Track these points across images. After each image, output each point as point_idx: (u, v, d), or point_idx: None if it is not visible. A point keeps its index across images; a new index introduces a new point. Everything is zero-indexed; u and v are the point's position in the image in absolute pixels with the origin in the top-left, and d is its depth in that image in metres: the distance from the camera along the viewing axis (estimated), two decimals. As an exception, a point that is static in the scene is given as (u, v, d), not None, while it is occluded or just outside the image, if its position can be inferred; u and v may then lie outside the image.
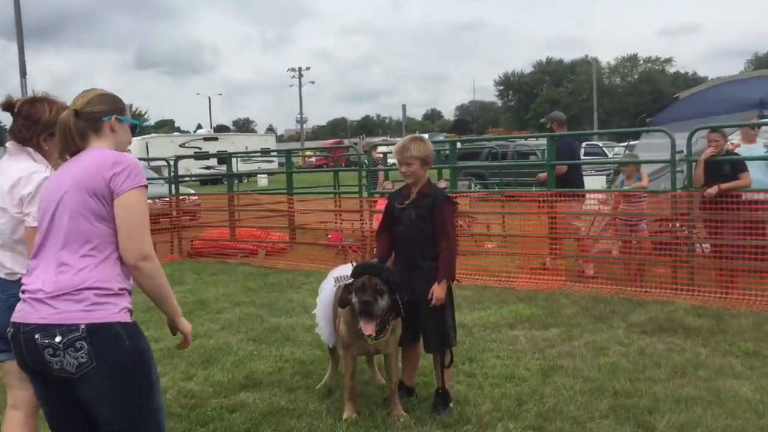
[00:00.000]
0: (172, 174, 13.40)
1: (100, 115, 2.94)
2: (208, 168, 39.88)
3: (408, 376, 5.02)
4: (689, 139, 7.92)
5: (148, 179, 2.90)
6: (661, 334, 6.49)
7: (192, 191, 19.75)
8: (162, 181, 20.54)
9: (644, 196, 8.57)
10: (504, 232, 10.09)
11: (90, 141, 2.92)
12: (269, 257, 12.12)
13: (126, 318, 2.76)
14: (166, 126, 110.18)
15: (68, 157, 2.94)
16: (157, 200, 13.94)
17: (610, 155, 28.93)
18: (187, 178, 27.07)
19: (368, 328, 4.31)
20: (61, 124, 2.92)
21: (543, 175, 10.10)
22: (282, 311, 7.92)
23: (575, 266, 9.19)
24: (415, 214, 4.71)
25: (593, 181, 20.53)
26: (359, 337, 4.48)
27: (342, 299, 4.47)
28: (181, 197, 15.80)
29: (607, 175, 22.00)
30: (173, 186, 13.26)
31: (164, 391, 5.27)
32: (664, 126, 9.91)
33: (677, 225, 8.19)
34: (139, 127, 3.17)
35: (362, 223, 10.95)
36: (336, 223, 12.46)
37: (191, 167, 42.99)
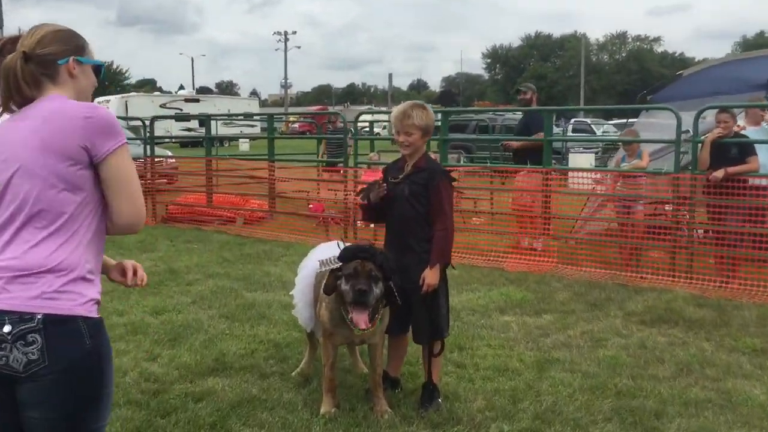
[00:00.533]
0: (148, 134, 12.76)
1: (55, 57, 2.37)
2: (188, 130, 39.01)
3: (393, 367, 4.58)
4: (696, 119, 7.48)
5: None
6: (660, 325, 6.11)
7: (169, 153, 19.10)
8: (138, 142, 19.89)
9: (643, 176, 8.14)
10: (492, 209, 9.64)
11: (45, 89, 2.37)
12: (247, 226, 11.62)
13: (92, 312, 2.24)
14: (147, 85, 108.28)
15: (15, 109, 2.39)
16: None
17: (599, 133, 28.57)
18: (166, 140, 26.35)
19: (361, 320, 3.85)
20: (6, 69, 2.35)
21: (513, 144, 9.70)
22: (258, 285, 7.44)
23: (566, 247, 8.77)
24: (408, 190, 4.24)
25: (581, 159, 20.16)
26: (343, 326, 4.02)
27: (328, 285, 3.99)
28: (157, 159, 15.25)
29: (596, 153, 21.65)
30: (148, 147, 12.64)
31: (125, 372, 4.80)
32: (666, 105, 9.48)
33: (679, 209, 7.78)
34: (103, 69, 2.60)
35: (345, 194, 10.45)
36: (317, 192, 11.96)
37: (172, 129, 42.14)
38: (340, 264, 3.96)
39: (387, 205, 4.34)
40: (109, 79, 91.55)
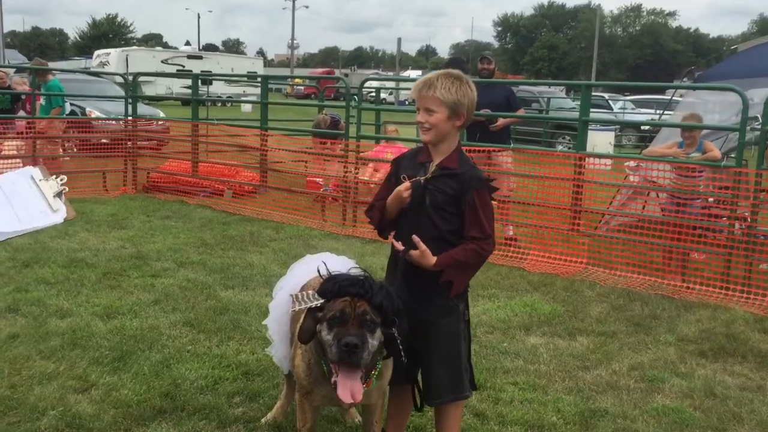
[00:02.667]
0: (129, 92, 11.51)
1: None
2: (188, 88, 37.67)
3: (395, 425, 3.42)
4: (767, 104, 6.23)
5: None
6: (725, 358, 4.96)
7: (161, 114, 17.85)
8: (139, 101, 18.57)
9: (704, 170, 6.90)
10: (512, 196, 8.43)
11: None
12: (236, 199, 10.43)
13: None
14: (152, 40, 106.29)
15: None
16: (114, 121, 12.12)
17: (616, 108, 27.19)
18: (157, 100, 25.05)
19: (349, 388, 2.70)
20: None
21: (501, 122, 8.57)
22: (237, 280, 6.28)
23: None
24: (431, 199, 3.06)
25: (600, 137, 18.87)
26: (326, 383, 2.86)
27: (304, 330, 2.82)
28: (147, 120, 14.02)
29: (615, 131, 20.36)
30: (129, 106, 11.39)
31: (42, 412, 3.66)
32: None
33: (737, 209, 6.58)
34: None
35: (346, 170, 9.24)
36: (312, 167, 10.75)
37: (173, 86, 40.67)
38: (321, 301, 2.79)
39: (399, 211, 3.16)
40: (113, 32, 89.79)
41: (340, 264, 3.47)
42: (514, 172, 8.32)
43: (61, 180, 6.56)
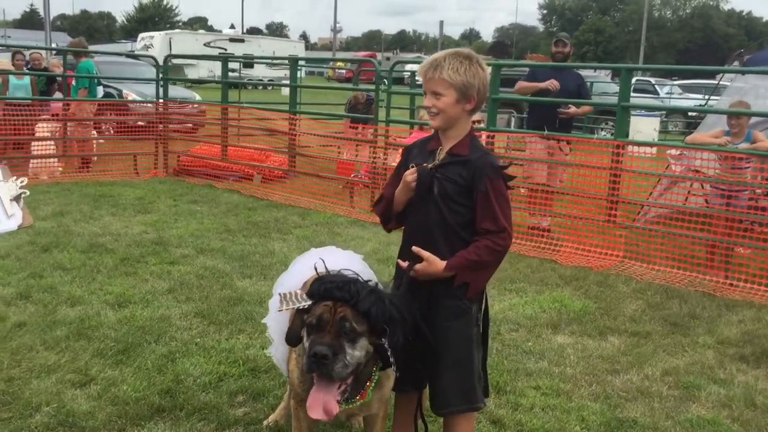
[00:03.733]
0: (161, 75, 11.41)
1: None
2: (232, 71, 37.62)
3: (401, 435, 3.18)
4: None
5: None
6: (767, 362, 4.60)
7: (197, 97, 17.79)
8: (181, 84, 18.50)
9: (751, 160, 6.47)
10: (547, 185, 8.07)
11: None
12: (265, 184, 10.27)
13: None
14: (197, 23, 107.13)
15: None
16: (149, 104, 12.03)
17: (662, 93, 26.35)
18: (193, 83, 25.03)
19: (318, 400, 2.47)
20: None
21: (573, 110, 8.16)
22: (256, 269, 6.09)
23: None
24: (439, 189, 2.80)
25: (644, 124, 18.25)
26: None
27: (292, 332, 2.60)
28: (180, 103, 13.94)
29: (661, 117, 19.70)
30: (161, 89, 11.28)
31: (36, 408, 3.51)
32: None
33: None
34: None
35: (374, 157, 8.99)
36: (344, 153, 10.51)
37: (216, 69, 40.77)
38: (309, 303, 2.56)
39: (408, 202, 2.91)
40: (159, 15, 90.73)
41: (345, 259, 3.24)
42: (553, 160, 7.95)
43: (21, 182, 6.35)
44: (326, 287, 2.52)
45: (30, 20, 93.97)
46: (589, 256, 6.96)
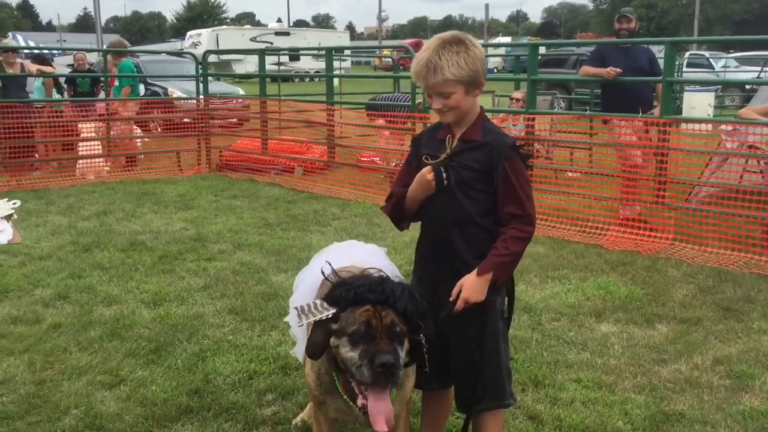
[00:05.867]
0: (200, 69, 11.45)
1: None
2: (279, 64, 37.84)
3: (430, 434, 3.06)
4: None
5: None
6: (829, 350, 4.31)
7: (241, 92, 17.90)
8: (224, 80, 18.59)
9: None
10: (592, 167, 7.78)
11: None
12: (306, 177, 10.22)
13: None
14: (245, 19, 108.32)
15: None
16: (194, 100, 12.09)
17: (717, 67, 25.43)
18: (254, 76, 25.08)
19: (381, 411, 2.33)
20: None
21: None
22: (292, 263, 6.03)
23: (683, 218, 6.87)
24: (455, 178, 2.65)
25: (699, 99, 17.59)
26: (337, 395, 2.52)
27: (313, 344, 2.44)
28: (221, 98, 14.02)
29: (716, 92, 18.97)
30: (201, 84, 11.33)
31: (64, 411, 3.50)
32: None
33: None
34: None
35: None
36: (381, 142, 10.39)
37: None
38: (333, 311, 2.42)
39: (422, 199, 2.77)
40: (207, 13, 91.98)
41: (367, 254, 3.13)
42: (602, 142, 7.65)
43: (14, 204, 6.43)
44: (356, 291, 2.38)
45: (84, 23, 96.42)
46: (637, 239, 6.69)
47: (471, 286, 2.56)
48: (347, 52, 34.24)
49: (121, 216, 7.84)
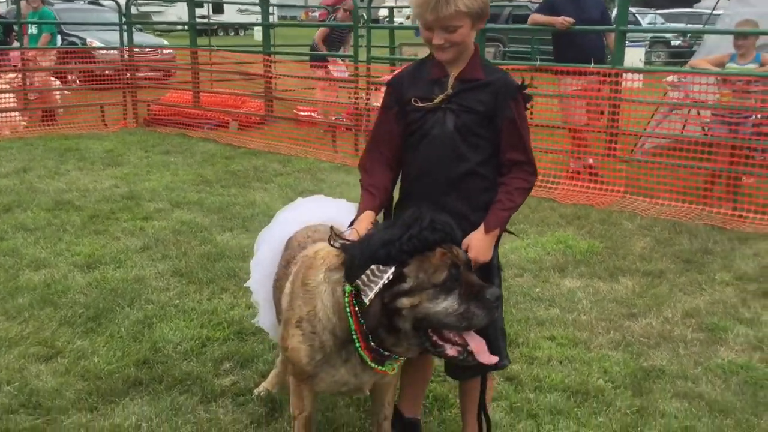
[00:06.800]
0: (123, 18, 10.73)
1: None
2: (202, 17, 36.31)
3: (409, 402, 2.82)
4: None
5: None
6: (793, 300, 4.29)
7: (165, 42, 17.06)
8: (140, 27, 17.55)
9: (757, 83, 6.06)
10: (540, 119, 7.63)
11: None
12: (242, 132, 9.76)
13: None
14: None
15: None
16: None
17: (644, 23, 25.75)
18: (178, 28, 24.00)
19: (484, 347, 2.18)
20: None
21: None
22: (236, 221, 5.67)
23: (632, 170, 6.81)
24: (454, 122, 2.37)
25: (630, 54, 17.72)
26: (339, 365, 2.24)
27: (373, 314, 2.06)
28: (147, 49, 13.28)
29: (645, 48, 19.19)
30: (125, 34, 10.61)
31: (-3, 386, 3.10)
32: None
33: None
34: None
35: (356, 97, 8.51)
36: (317, 93, 10.00)
37: (184, 16, 39.32)
38: (392, 271, 2.04)
39: (409, 146, 2.47)
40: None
41: (338, 209, 2.83)
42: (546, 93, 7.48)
43: None
44: (418, 237, 2.03)
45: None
46: (588, 192, 6.60)
47: (479, 245, 2.32)
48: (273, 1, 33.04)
49: (44, 173, 7.26)
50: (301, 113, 9.87)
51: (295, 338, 2.24)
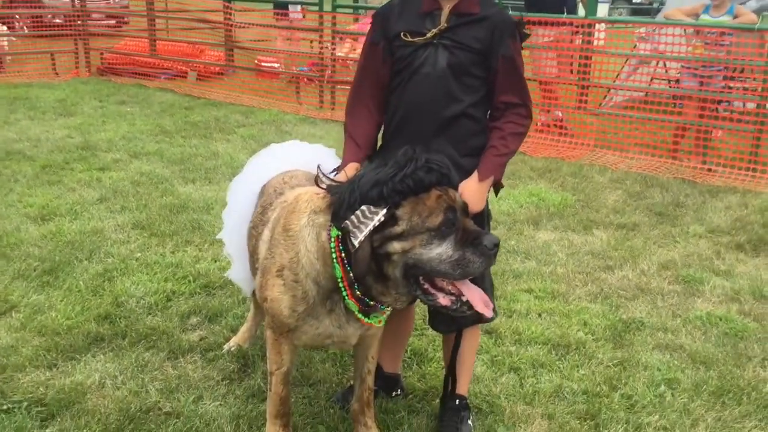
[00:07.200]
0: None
1: None
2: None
3: (389, 357, 2.70)
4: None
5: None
6: (766, 250, 4.29)
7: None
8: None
9: (731, 35, 5.99)
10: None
11: None
12: (201, 82, 9.42)
13: None
14: None
15: None
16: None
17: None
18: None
19: (480, 297, 2.01)
20: None
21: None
22: (198, 172, 5.45)
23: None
24: (447, 59, 2.20)
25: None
26: (322, 317, 2.10)
27: (362, 258, 1.89)
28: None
29: (610, 3, 19.07)
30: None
31: (-56, 346, 2.89)
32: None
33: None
34: None
35: (321, 46, 8.25)
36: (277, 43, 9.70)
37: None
38: (383, 212, 1.87)
39: (395, 85, 2.30)
40: None
41: (316, 154, 2.66)
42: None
43: None
44: (413, 177, 1.87)
45: None
46: (559, 146, 6.51)
47: (473, 195, 2.17)
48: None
49: (-9, 122, 6.90)
50: (263, 64, 9.56)
51: (276, 288, 2.08)
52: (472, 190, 2.20)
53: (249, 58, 9.57)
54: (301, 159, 2.58)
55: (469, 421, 2.49)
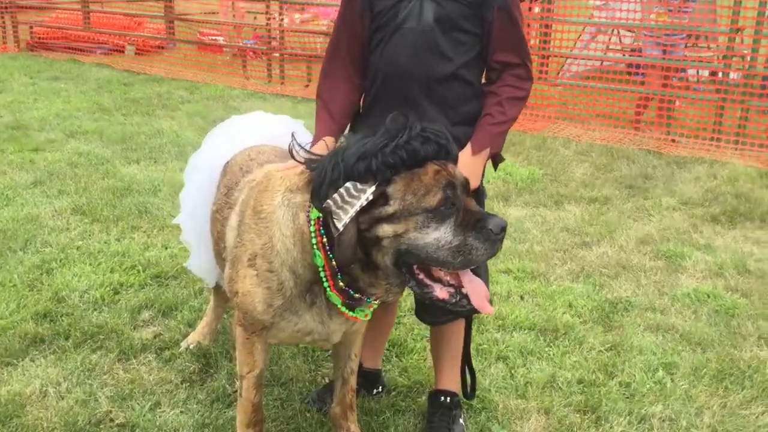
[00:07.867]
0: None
1: None
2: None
3: (370, 353, 2.44)
4: None
5: None
6: (742, 222, 4.18)
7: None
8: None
9: (694, 1, 5.86)
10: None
11: None
12: (140, 57, 8.92)
13: None
14: None
15: None
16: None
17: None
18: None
19: (482, 293, 1.70)
20: None
21: None
22: (143, 152, 5.06)
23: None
24: (434, 12, 1.93)
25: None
26: (302, 311, 1.82)
27: (347, 243, 1.60)
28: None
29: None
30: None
31: None
32: None
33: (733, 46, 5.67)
34: None
35: (268, 18, 7.86)
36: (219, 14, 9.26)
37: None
38: (372, 189, 1.59)
39: (375, 44, 2.02)
40: None
41: (283, 126, 2.36)
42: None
43: None
44: (407, 148, 1.58)
45: None
46: (520, 118, 6.30)
47: (466, 170, 1.85)
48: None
49: None
50: (206, 38, 9.11)
51: (248, 280, 1.79)
52: (465, 165, 1.92)
53: (191, 32, 9.10)
54: (267, 132, 2.29)
55: (461, 420, 2.26)
